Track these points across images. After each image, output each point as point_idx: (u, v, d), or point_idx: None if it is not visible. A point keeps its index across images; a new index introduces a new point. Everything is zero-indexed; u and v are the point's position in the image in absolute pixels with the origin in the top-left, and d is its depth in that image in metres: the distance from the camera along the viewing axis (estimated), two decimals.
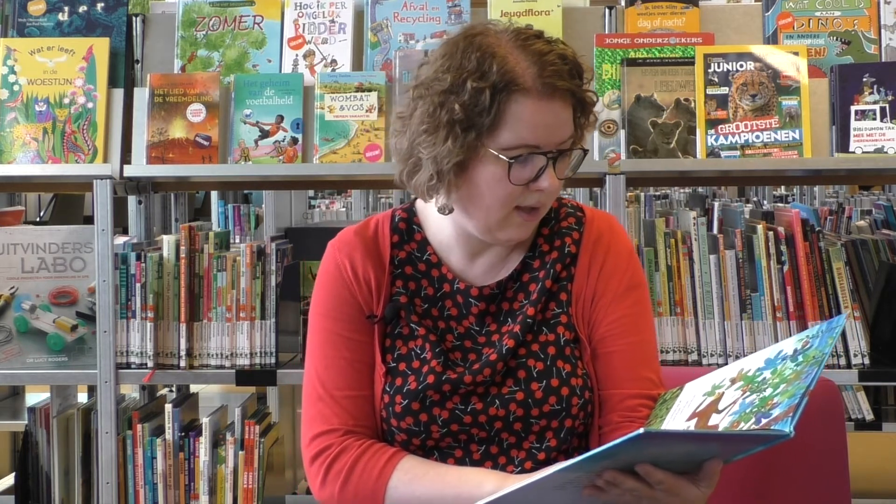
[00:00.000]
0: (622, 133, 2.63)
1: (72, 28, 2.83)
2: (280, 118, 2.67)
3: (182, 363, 2.62)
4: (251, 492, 2.64)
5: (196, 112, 2.68)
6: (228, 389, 4.10)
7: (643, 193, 6.19)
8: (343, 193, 8.42)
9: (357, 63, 2.76)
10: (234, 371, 2.62)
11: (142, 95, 2.72)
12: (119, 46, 2.80)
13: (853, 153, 2.59)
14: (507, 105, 1.44)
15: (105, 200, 2.62)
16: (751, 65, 2.61)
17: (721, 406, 1.32)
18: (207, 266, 2.64)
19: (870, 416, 3.61)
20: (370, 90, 2.65)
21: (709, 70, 2.62)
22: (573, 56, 1.49)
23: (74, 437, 2.77)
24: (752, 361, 1.38)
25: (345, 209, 7.78)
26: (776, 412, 1.22)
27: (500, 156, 1.45)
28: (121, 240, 2.87)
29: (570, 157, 1.52)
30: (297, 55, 2.77)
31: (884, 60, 2.68)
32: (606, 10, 2.78)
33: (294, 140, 2.66)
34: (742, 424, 1.25)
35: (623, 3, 2.79)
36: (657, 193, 7.57)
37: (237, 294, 2.62)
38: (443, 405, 1.51)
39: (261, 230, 5.14)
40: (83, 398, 3.03)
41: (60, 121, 2.70)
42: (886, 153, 2.58)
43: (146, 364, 2.62)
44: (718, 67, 2.62)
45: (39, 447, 2.79)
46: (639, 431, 1.17)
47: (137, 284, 2.63)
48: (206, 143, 2.67)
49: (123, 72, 2.78)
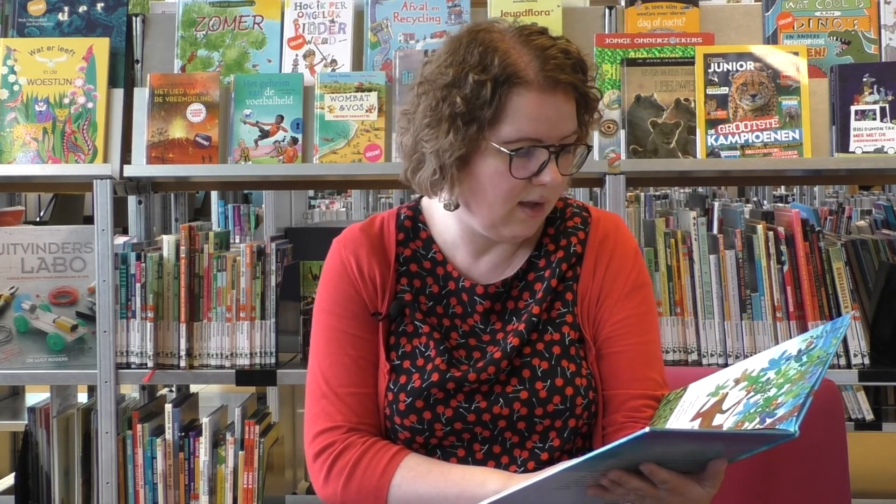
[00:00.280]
0: (622, 133, 2.63)
1: (72, 28, 2.83)
2: (280, 118, 2.67)
3: (182, 363, 2.62)
4: (251, 492, 2.64)
5: (196, 112, 2.68)
6: (228, 389, 4.10)
7: (643, 193, 6.19)
8: (343, 193, 8.42)
9: (357, 63, 2.76)
10: (234, 371, 2.62)
11: (142, 95, 2.72)
12: (119, 46, 2.80)
13: (853, 153, 2.59)
14: (509, 98, 1.45)
15: (105, 200, 2.62)
16: (751, 65, 2.61)
17: (725, 406, 1.32)
18: (207, 266, 2.64)
19: (870, 416, 3.61)
20: (370, 90, 2.65)
21: (709, 70, 2.62)
22: (577, 52, 1.49)
23: (74, 437, 2.77)
24: (757, 362, 1.38)
25: (345, 209, 7.79)
26: (781, 412, 1.22)
27: (502, 149, 1.45)
28: (121, 240, 2.87)
29: (574, 154, 1.52)
30: (297, 55, 2.77)
31: (884, 60, 2.68)
32: (606, 10, 2.78)
33: (294, 140, 2.66)
34: (746, 424, 1.25)
35: (623, 3, 2.79)
36: (657, 193, 7.57)
37: (237, 294, 2.62)
38: (447, 403, 1.51)
39: (261, 230, 5.14)
40: (83, 398, 3.03)
41: (60, 121, 2.70)
42: (886, 153, 2.58)
43: (146, 364, 2.62)
44: (718, 67, 2.62)
45: (39, 447, 2.79)
46: (644, 431, 1.17)
47: (137, 284, 2.63)
48: (206, 143, 2.67)
49: (123, 72, 2.78)
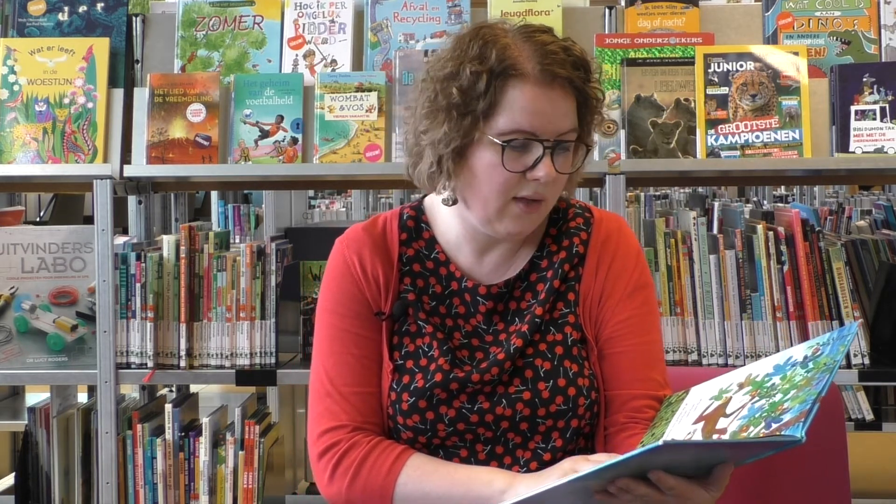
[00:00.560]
0: (622, 133, 2.63)
1: (72, 28, 2.83)
2: (280, 118, 2.67)
3: (182, 363, 2.62)
4: (251, 492, 2.64)
5: (196, 112, 2.68)
6: (228, 389, 4.10)
7: (643, 193, 6.19)
8: (343, 193, 8.42)
9: (357, 63, 2.76)
10: (234, 371, 2.62)
11: (142, 95, 2.72)
12: (119, 46, 2.80)
13: (853, 153, 2.58)
14: (505, 90, 1.46)
15: (105, 200, 2.62)
16: (751, 65, 2.61)
17: (729, 410, 1.32)
18: (207, 266, 2.64)
19: (870, 416, 3.61)
20: (370, 90, 2.65)
21: (709, 70, 2.62)
22: (580, 52, 1.50)
23: (74, 437, 2.76)
24: (761, 367, 1.38)
25: (345, 209, 7.78)
26: (787, 417, 1.22)
27: (496, 140, 1.46)
28: (121, 240, 2.87)
29: (575, 154, 1.52)
30: (297, 55, 2.77)
31: (884, 60, 2.68)
32: (606, 10, 2.78)
33: (294, 140, 2.66)
34: (751, 429, 1.25)
35: (623, 3, 2.79)
36: (657, 193, 7.57)
37: (237, 294, 2.62)
38: (450, 404, 1.51)
39: (261, 230, 5.14)
40: (83, 398, 3.03)
41: (60, 121, 2.70)
42: (886, 153, 2.58)
43: (146, 364, 2.62)
44: (718, 67, 2.62)
45: (39, 447, 2.79)
46: (658, 443, 1.17)
47: (137, 284, 2.63)
48: (206, 143, 2.67)
49: (123, 72, 2.78)
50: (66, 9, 2.83)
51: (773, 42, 2.72)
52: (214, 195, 6.33)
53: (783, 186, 7.88)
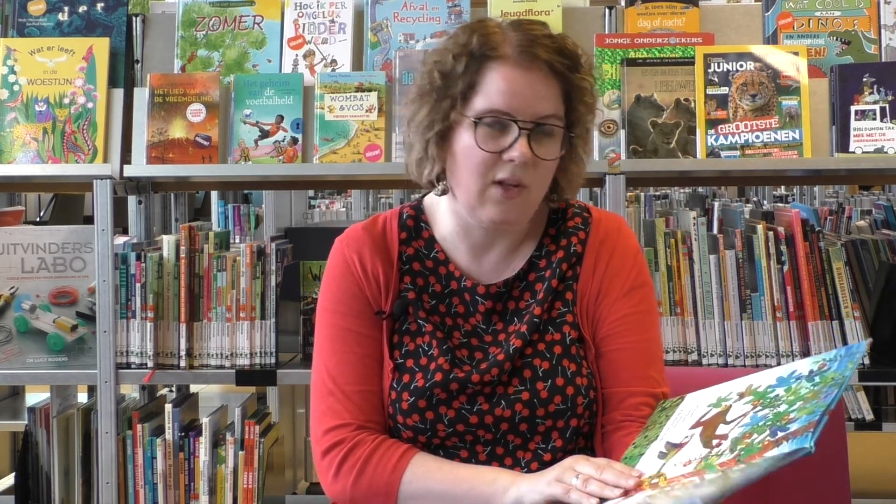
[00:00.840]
0: (622, 133, 2.63)
1: (72, 28, 2.83)
2: (280, 118, 2.67)
3: (182, 363, 2.62)
4: (251, 492, 2.64)
5: (196, 112, 2.68)
6: (228, 389, 4.10)
7: (643, 193, 6.19)
8: (343, 193, 8.42)
9: (357, 63, 2.76)
10: (234, 371, 2.62)
11: (142, 95, 2.72)
12: (119, 46, 2.80)
13: (853, 153, 2.58)
14: (483, 72, 1.47)
15: (105, 200, 2.62)
16: (751, 65, 2.61)
17: (729, 417, 1.32)
18: (207, 266, 2.64)
19: (870, 416, 3.60)
20: (370, 90, 2.65)
21: (709, 70, 2.62)
22: (571, 44, 1.51)
23: (74, 437, 2.76)
24: (764, 378, 1.37)
25: (345, 209, 7.78)
26: (794, 427, 1.22)
27: (471, 119, 1.47)
28: (121, 240, 2.87)
29: (560, 142, 1.51)
30: (297, 55, 2.77)
31: (884, 60, 2.68)
32: (606, 10, 2.78)
33: (294, 140, 2.66)
34: (755, 436, 1.25)
35: (623, 3, 2.79)
36: (657, 193, 7.57)
37: (237, 294, 2.62)
38: (449, 404, 1.51)
39: (261, 230, 5.14)
40: (83, 398, 3.03)
41: (60, 121, 2.70)
42: (886, 153, 2.58)
43: (146, 364, 2.62)
44: (718, 67, 2.62)
45: (39, 447, 2.79)
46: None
47: (137, 284, 2.63)
48: (206, 143, 2.67)
49: (123, 72, 2.78)
50: (66, 9, 2.83)
51: (773, 42, 2.72)
52: (214, 195, 6.33)
53: (783, 186, 7.88)
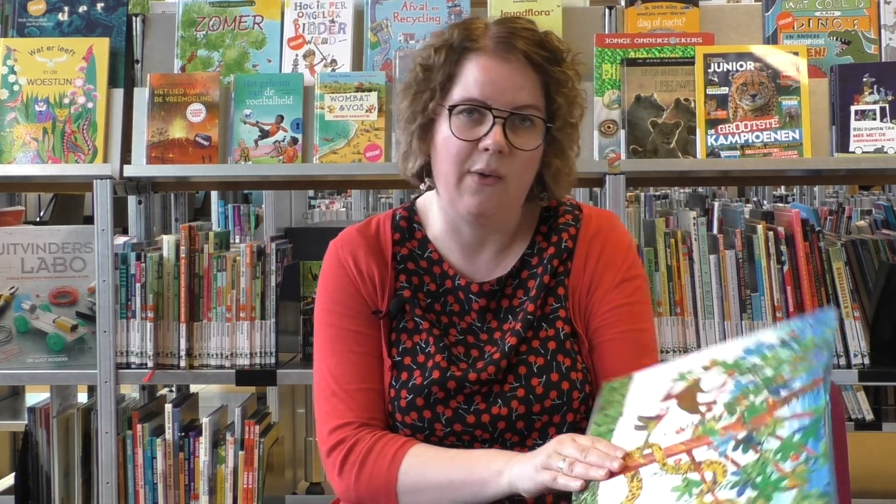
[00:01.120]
0: (622, 133, 2.63)
1: (72, 28, 2.82)
2: (280, 118, 2.67)
3: (182, 363, 2.62)
4: (251, 492, 2.64)
5: (196, 112, 2.68)
6: (228, 389, 4.09)
7: (643, 193, 6.19)
8: (343, 193, 8.42)
9: (357, 63, 2.76)
10: (234, 371, 2.62)
11: (142, 95, 2.72)
12: (119, 46, 2.79)
13: (853, 153, 2.58)
14: (462, 63, 1.50)
15: (105, 200, 2.62)
16: (751, 65, 2.61)
17: (705, 387, 1.31)
18: (207, 266, 2.64)
19: (870, 416, 3.61)
20: (370, 90, 2.65)
21: (709, 70, 2.62)
22: (555, 40, 1.53)
23: (74, 437, 2.76)
24: (728, 351, 1.36)
25: (345, 209, 7.78)
26: (797, 385, 1.21)
27: (447, 109, 1.49)
28: (121, 240, 2.87)
29: (538, 132, 1.51)
30: (297, 55, 2.77)
31: (884, 60, 2.68)
32: (606, 10, 2.78)
33: (294, 140, 2.66)
34: (751, 397, 1.24)
35: (623, 3, 2.79)
36: (657, 193, 7.57)
37: (237, 294, 2.62)
38: (446, 404, 1.51)
39: (261, 230, 5.14)
40: (83, 398, 3.03)
41: (60, 121, 2.70)
42: (886, 153, 2.58)
43: (146, 364, 2.62)
44: (718, 67, 2.62)
45: (39, 447, 2.79)
46: None
47: (137, 284, 2.62)
48: (206, 143, 2.67)
49: (123, 72, 2.78)
50: (66, 9, 2.83)
51: (773, 42, 2.72)
52: (214, 195, 6.33)
53: (783, 186, 7.88)
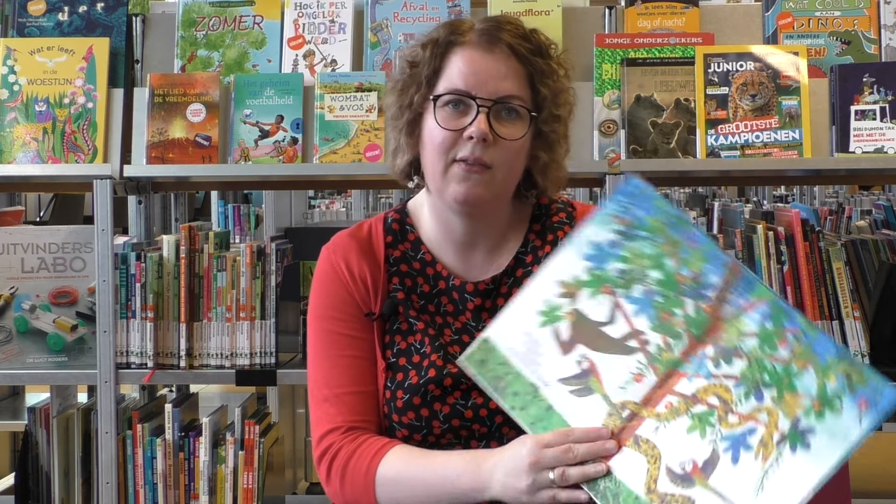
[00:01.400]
0: (622, 133, 2.63)
1: (72, 28, 2.83)
2: (280, 118, 2.67)
3: (182, 363, 2.62)
4: (251, 492, 2.64)
5: (196, 112, 2.68)
6: (228, 389, 4.09)
7: None
8: (343, 193, 8.43)
9: (357, 63, 2.76)
10: (234, 371, 2.62)
11: (142, 95, 2.72)
12: (119, 46, 2.79)
13: (853, 153, 2.58)
14: (447, 57, 1.51)
15: (105, 200, 2.62)
16: (751, 65, 2.61)
17: (597, 316, 1.37)
18: (207, 266, 2.64)
19: None
20: (370, 90, 2.65)
21: (709, 70, 2.62)
22: (541, 36, 1.54)
23: (74, 437, 2.76)
24: (562, 268, 1.40)
25: (345, 209, 7.79)
26: (715, 279, 1.28)
27: (432, 101, 1.51)
28: (121, 240, 2.87)
29: (523, 123, 1.52)
30: (297, 55, 2.77)
31: (884, 60, 2.68)
32: (606, 10, 2.78)
33: (294, 140, 2.66)
34: (678, 310, 1.30)
35: (623, 3, 2.79)
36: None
37: (237, 294, 2.62)
38: (444, 400, 1.51)
39: (261, 230, 5.14)
40: (83, 398, 3.03)
41: (60, 121, 2.70)
42: (886, 153, 2.58)
43: (146, 364, 2.62)
44: (718, 67, 2.62)
45: (39, 447, 2.79)
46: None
47: (137, 284, 2.62)
48: (206, 143, 2.67)
49: (123, 72, 2.78)
50: (66, 9, 2.83)
51: (773, 42, 2.72)
52: (214, 195, 6.33)
53: (783, 186, 7.89)
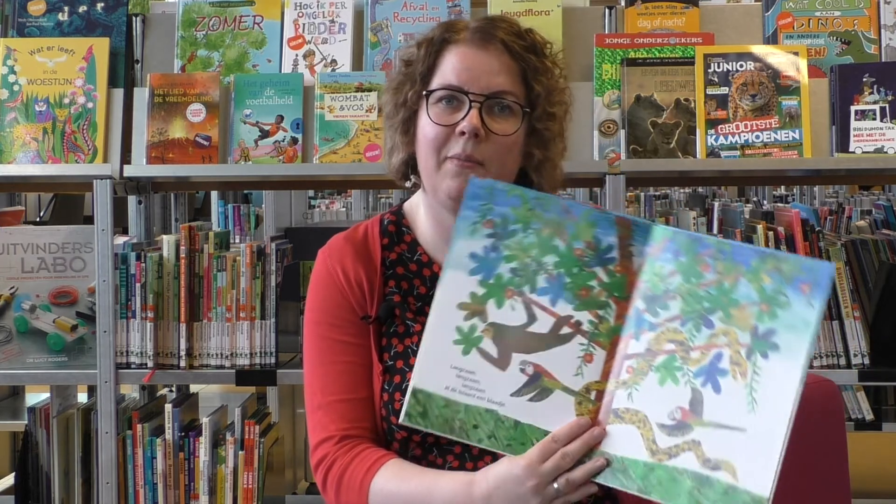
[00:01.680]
0: (622, 133, 2.63)
1: (72, 28, 2.83)
2: (280, 118, 2.67)
3: (182, 363, 2.62)
4: (251, 492, 2.64)
5: (196, 112, 2.68)
6: (228, 389, 4.10)
7: (643, 193, 6.20)
8: (343, 193, 8.43)
9: (357, 63, 2.76)
10: (234, 371, 2.62)
11: (142, 95, 2.72)
12: (119, 46, 2.79)
13: (853, 153, 2.58)
14: (441, 55, 1.52)
15: (105, 200, 2.62)
16: (751, 65, 2.61)
17: (512, 321, 1.35)
18: (207, 266, 2.64)
19: (870, 416, 3.61)
20: (370, 90, 2.65)
21: (709, 70, 2.62)
22: (536, 35, 1.54)
23: (74, 437, 2.76)
24: (455, 285, 1.38)
25: (345, 209, 7.79)
26: (614, 253, 1.30)
27: (424, 95, 1.51)
28: (121, 240, 2.87)
29: (516, 119, 1.52)
30: (297, 55, 2.77)
31: (884, 60, 2.68)
32: (606, 10, 2.78)
33: (294, 140, 2.66)
34: (592, 283, 1.32)
35: (623, 3, 2.79)
36: (657, 193, 7.58)
37: (237, 294, 2.62)
38: None
39: (261, 230, 5.14)
40: (83, 398, 3.03)
41: (60, 121, 2.70)
42: (886, 153, 2.58)
43: (146, 364, 2.62)
44: (718, 67, 2.62)
45: (39, 447, 2.79)
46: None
47: (137, 284, 2.62)
48: (206, 143, 2.67)
49: (123, 72, 2.78)
50: (66, 9, 2.83)
51: (773, 42, 2.72)
52: (214, 195, 6.33)
53: (783, 186, 7.89)
